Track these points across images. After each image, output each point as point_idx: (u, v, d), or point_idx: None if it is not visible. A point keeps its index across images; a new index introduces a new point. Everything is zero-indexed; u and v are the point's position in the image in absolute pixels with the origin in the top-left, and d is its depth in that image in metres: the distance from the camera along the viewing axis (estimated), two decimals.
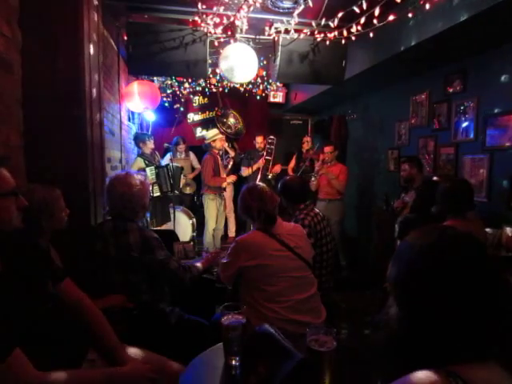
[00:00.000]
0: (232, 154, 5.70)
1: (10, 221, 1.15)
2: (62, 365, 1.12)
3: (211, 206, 4.90)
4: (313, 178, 4.54)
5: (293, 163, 5.70)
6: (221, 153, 5.45)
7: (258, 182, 2.20)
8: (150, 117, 5.22)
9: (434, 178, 3.26)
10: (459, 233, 0.72)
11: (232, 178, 5.08)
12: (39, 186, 1.70)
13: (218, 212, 4.98)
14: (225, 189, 5.04)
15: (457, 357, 0.63)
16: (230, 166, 5.49)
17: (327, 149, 4.63)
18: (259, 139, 5.44)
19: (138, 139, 4.62)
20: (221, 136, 5.08)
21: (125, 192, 1.91)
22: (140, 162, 4.42)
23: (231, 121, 6.32)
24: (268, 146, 5.42)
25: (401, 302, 0.71)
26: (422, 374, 0.62)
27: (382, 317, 0.75)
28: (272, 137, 5.47)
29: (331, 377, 1.10)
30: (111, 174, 2.07)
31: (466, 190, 2.38)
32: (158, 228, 4.32)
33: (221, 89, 5.81)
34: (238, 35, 3.46)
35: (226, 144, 5.61)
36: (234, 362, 1.27)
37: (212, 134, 5.04)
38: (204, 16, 3.17)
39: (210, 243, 4.86)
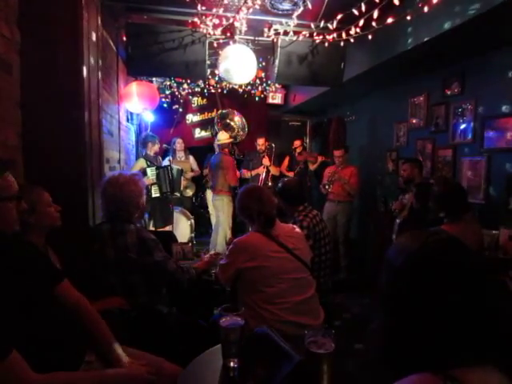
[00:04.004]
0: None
1: (11, 223, 1.17)
2: (60, 366, 1.12)
3: (229, 209, 4.73)
4: (327, 187, 4.47)
5: (285, 164, 5.82)
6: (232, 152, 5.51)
7: (258, 184, 2.21)
8: (149, 118, 5.22)
9: (431, 181, 3.27)
10: (445, 238, 0.72)
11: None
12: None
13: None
14: None
15: (454, 361, 0.63)
16: None
17: (337, 153, 4.54)
18: (260, 141, 5.42)
19: (148, 139, 4.68)
20: (231, 139, 5.15)
21: (117, 193, 1.90)
22: (142, 162, 4.48)
23: (236, 120, 6.26)
24: (268, 152, 5.43)
25: (391, 310, 0.71)
26: (419, 377, 0.62)
27: (375, 324, 0.75)
28: (272, 144, 5.51)
29: (330, 379, 1.10)
30: (105, 176, 2.07)
31: (459, 194, 2.39)
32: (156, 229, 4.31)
33: (219, 90, 5.81)
34: (237, 36, 3.46)
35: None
36: (232, 364, 1.27)
37: (220, 136, 5.02)
38: (203, 17, 3.17)
39: (222, 245, 4.63)
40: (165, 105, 5.74)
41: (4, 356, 0.92)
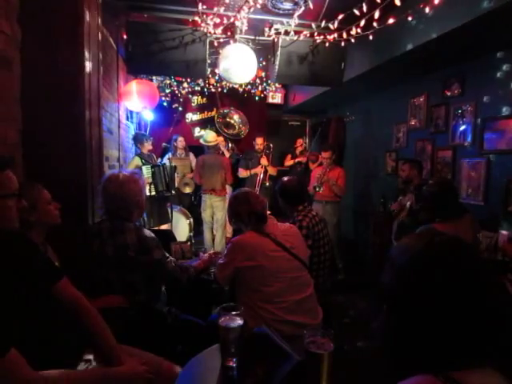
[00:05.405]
0: (227, 154, 5.69)
1: (11, 221, 1.17)
2: (59, 364, 1.12)
3: None
4: (317, 188, 4.45)
5: (288, 158, 5.90)
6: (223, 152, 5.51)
7: (244, 188, 2.24)
8: (149, 116, 5.22)
9: (430, 182, 3.27)
10: (450, 238, 0.72)
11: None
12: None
13: None
14: None
15: (454, 363, 0.63)
16: None
17: (325, 154, 4.54)
18: (259, 141, 5.41)
19: (137, 140, 4.66)
20: (221, 139, 5.09)
21: (117, 191, 1.89)
22: (137, 161, 4.46)
23: (235, 119, 6.28)
24: (266, 152, 5.43)
25: (393, 309, 0.71)
26: (420, 379, 0.62)
27: (376, 324, 0.75)
28: (271, 144, 5.51)
29: (329, 379, 1.10)
30: (105, 174, 2.06)
31: (449, 196, 2.39)
32: (156, 228, 4.30)
33: (219, 89, 5.81)
34: (237, 36, 3.46)
35: (223, 144, 5.64)
36: (231, 364, 1.27)
37: (211, 138, 4.96)
38: (204, 16, 3.17)
39: (222, 244, 4.65)
40: (164, 103, 5.75)
41: (3, 353, 0.92)
